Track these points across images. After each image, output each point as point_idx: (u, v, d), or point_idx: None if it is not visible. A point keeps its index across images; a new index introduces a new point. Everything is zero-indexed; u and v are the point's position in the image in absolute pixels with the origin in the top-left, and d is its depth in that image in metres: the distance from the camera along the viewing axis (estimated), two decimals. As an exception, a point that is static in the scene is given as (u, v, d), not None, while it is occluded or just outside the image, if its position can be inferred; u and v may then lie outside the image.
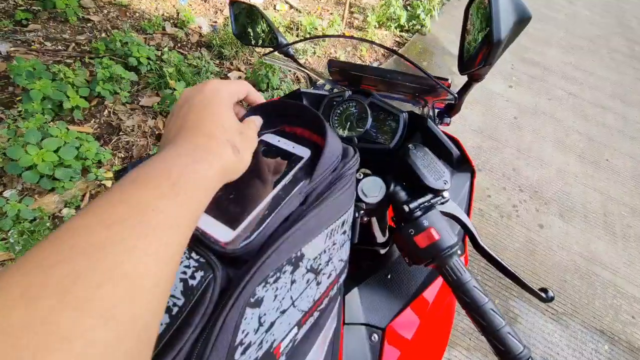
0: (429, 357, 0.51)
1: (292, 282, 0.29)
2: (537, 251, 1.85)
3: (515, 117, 2.73)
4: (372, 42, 0.61)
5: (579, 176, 2.34)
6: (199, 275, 0.26)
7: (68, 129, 1.49)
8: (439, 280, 0.54)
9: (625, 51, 4.12)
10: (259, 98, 0.40)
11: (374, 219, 0.60)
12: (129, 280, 0.19)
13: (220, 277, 0.26)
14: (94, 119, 1.81)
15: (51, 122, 1.63)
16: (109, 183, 1.59)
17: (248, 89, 0.37)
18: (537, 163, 2.37)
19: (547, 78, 3.28)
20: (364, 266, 0.57)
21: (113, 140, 1.76)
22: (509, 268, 0.43)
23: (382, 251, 0.58)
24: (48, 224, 1.32)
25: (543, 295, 0.41)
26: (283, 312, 0.28)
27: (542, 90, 3.11)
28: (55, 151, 1.41)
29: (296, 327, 0.31)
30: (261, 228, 0.29)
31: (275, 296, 0.27)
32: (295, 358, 0.31)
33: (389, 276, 0.51)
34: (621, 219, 2.12)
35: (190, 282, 0.25)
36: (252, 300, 0.25)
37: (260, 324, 0.26)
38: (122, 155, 1.72)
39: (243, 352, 0.25)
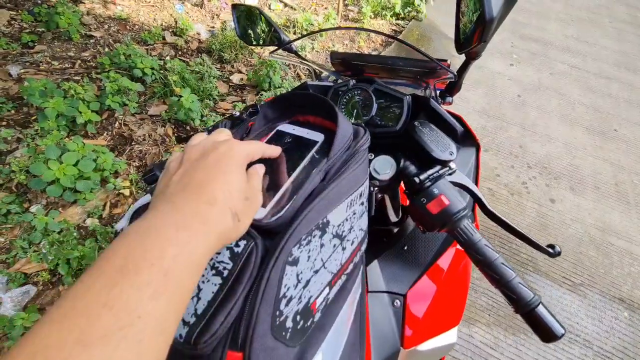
0: (448, 319, 0.54)
1: (322, 245, 0.33)
2: (550, 225, 1.86)
3: (518, 95, 2.72)
4: (369, 30, 0.65)
5: (587, 148, 2.33)
6: (242, 243, 0.30)
7: (84, 143, 1.55)
8: (451, 250, 0.58)
9: (627, 19, 4.04)
10: (275, 152, 0.38)
11: (388, 201, 0.64)
12: None
13: (260, 244, 0.30)
14: (106, 132, 1.88)
15: (66, 138, 1.70)
16: (126, 192, 1.65)
17: (264, 150, 0.36)
18: (544, 139, 2.37)
19: (548, 53, 3.25)
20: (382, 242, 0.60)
21: (127, 151, 1.82)
22: (517, 229, 0.46)
23: (396, 230, 0.62)
24: (75, 234, 1.39)
25: (551, 250, 0.44)
26: (316, 271, 0.32)
27: (544, 65, 3.08)
28: (75, 165, 1.47)
29: (327, 287, 0.34)
30: (289, 204, 0.33)
31: (309, 257, 0.31)
32: (328, 316, 0.35)
33: (405, 248, 0.55)
34: (634, 187, 2.11)
35: (236, 249, 0.30)
36: (290, 259, 0.29)
37: (298, 281, 0.30)
38: (137, 164, 1.78)
39: (286, 304, 0.29)
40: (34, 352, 0.17)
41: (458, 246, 0.60)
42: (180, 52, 2.51)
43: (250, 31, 0.88)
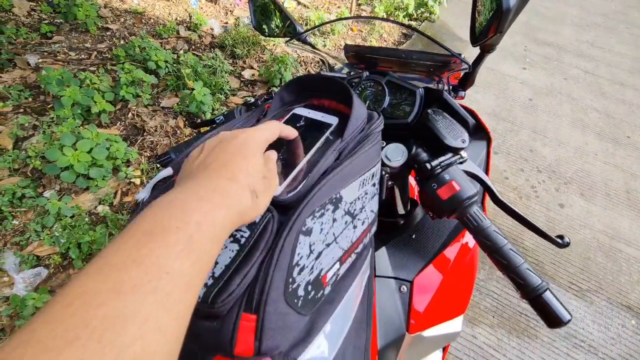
0: (453, 307, 0.55)
1: (334, 220, 0.34)
2: (559, 230, 1.84)
3: (530, 99, 2.70)
4: (389, 20, 0.65)
5: (598, 154, 2.30)
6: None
7: (98, 132, 1.59)
8: (458, 242, 0.58)
9: (644, 25, 3.98)
10: (292, 134, 0.39)
11: (397, 193, 0.64)
12: None
13: (276, 217, 0.31)
14: (119, 122, 1.91)
15: (81, 126, 1.73)
16: (137, 181, 1.68)
17: (282, 130, 0.37)
18: (554, 143, 2.35)
19: (562, 58, 3.22)
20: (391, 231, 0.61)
21: (139, 141, 1.85)
22: (527, 218, 0.46)
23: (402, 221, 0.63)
24: (86, 220, 1.42)
25: (559, 241, 0.45)
26: (328, 245, 0.33)
27: (557, 70, 3.05)
28: (89, 152, 1.50)
29: (338, 262, 0.35)
30: (304, 181, 0.34)
31: (321, 229, 0.32)
32: (338, 291, 0.36)
33: (413, 236, 0.56)
34: (645, 195, 2.08)
35: None
36: (303, 229, 0.30)
37: (311, 251, 0.31)
38: (148, 154, 1.81)
39: (299, 273, 0.30)
40: (72, 299, 0.18)
41: (464, 240, 0.61)
42: (193, 47, 2.54)
43: (265, 23, 0.90)
